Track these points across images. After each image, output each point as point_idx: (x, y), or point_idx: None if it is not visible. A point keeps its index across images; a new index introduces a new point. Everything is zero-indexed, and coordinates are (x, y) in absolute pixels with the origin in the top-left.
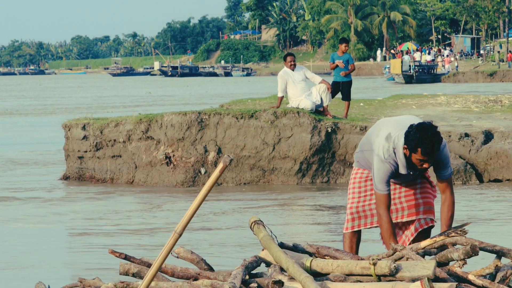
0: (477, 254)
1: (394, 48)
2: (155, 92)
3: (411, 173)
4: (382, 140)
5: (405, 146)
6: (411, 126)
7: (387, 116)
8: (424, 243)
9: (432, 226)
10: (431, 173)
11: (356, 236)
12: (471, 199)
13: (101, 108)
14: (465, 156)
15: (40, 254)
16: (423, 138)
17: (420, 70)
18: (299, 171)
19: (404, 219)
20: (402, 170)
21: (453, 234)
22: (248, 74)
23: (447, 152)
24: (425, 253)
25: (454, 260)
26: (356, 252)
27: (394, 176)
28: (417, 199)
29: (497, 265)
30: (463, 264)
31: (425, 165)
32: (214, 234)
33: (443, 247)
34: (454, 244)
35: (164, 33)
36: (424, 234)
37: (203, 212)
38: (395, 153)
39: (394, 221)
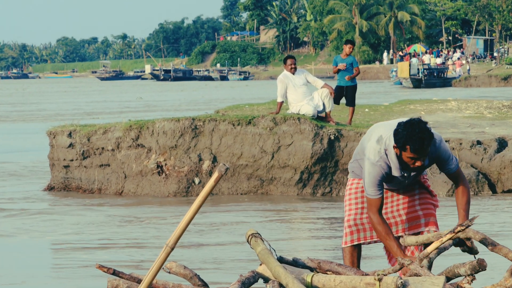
0: (485, 269)
1: (402, 50)
2: (147, 97)
3: (405, 174)
4: (373, 143)
5: (395, 145)
6: (399, 124)
7: None
8: (431, 248)
9: None
10: (435, 178)
11: (357, 250)
12: (483, 210)
13: (88, 114)
14: (477, 165)
15: (29, 270)
16: (411, 135)
17: (429, 74)
18: (299, 181)
19: (406, 233)
20: (396, 172)
21: (458, 228)
22: (245, 78)
23: (445, 146)
24: (439, 251)
25: (462, 275)
26: (358, 268)
27: (388, 180)
28: (417, 210)
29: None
30: (472, 280)
31: (417, 163)
32: (208, 248)
33: (460, 241)
34: (468, 239)
35: (156, 35)
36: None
37: (197, 225)
38: (387, 155)
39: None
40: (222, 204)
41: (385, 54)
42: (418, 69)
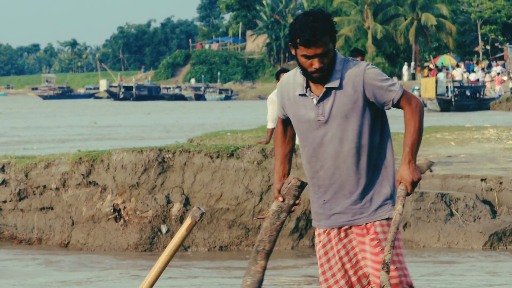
0: None
1: (431, 63)
2: (102, 121)
3: (307, 94)
4: None
5: (290, 43)
6: (296, 16)
7: None
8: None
9: None
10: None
11: None
12: None
13: (26, 143)
14: None
15: None
16: (301, 25)
17: (461, 93)
18: (295, 230)
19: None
20: (298, 89)
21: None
22: (227, 98)
23: (378, 70)
24: None
25: None
26: None
27: (297, 115)
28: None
29: None
30: None
31: (314, 65)
32: None
33: None
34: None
35: (114, 41)
36: None
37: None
38: (293, 78)
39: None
40: (196, 261)
41: (405, 67)
42: (447, 87)
